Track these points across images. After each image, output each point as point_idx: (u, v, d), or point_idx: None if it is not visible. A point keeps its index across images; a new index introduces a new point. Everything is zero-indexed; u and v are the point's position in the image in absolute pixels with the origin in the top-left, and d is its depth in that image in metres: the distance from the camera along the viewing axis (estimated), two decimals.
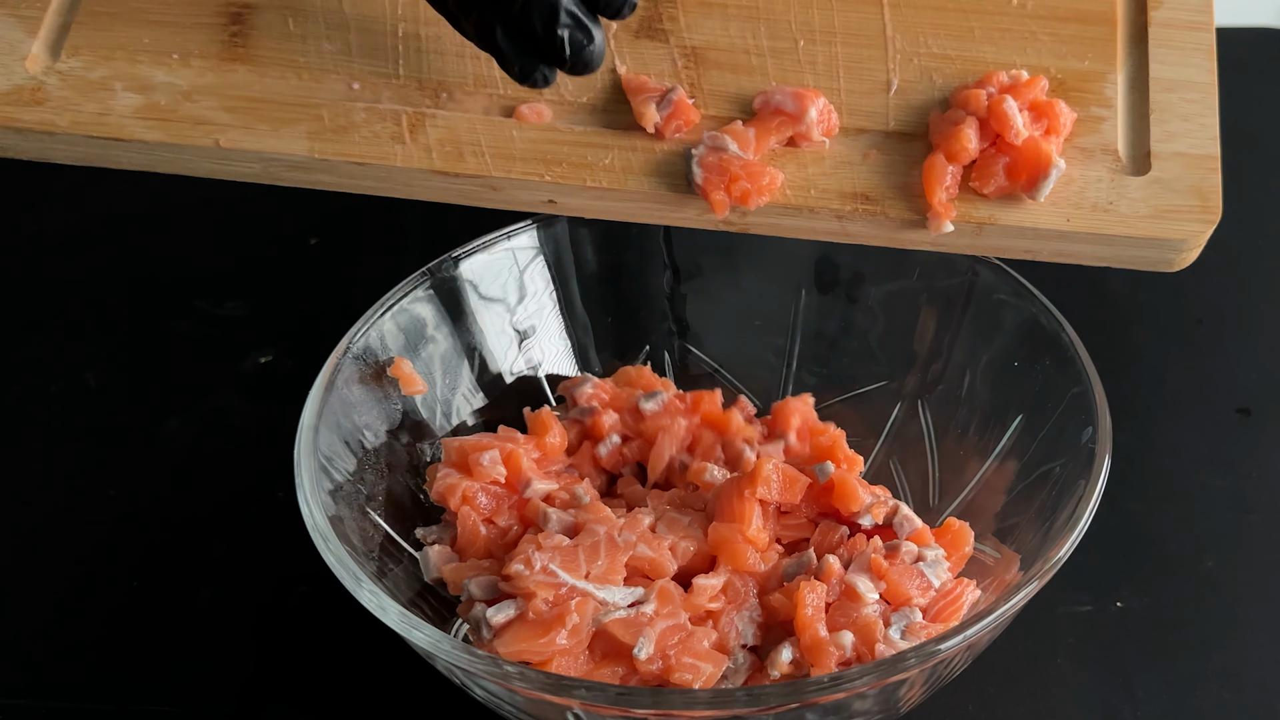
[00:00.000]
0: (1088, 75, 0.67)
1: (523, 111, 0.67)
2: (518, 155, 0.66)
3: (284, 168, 0.66)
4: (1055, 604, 0.72)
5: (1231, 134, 1.00)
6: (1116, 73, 0.67)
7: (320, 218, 0.96)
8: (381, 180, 0.67)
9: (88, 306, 0.92)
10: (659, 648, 0.62)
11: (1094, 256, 0.65)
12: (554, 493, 0.70)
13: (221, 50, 0.68)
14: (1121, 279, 0.89)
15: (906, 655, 0.57)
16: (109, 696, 0.70)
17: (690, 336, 0.81)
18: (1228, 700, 0.68)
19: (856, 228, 0.65)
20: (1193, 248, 0.64)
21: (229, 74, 0.67)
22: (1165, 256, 0.65)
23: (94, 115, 0.66)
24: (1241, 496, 0.77)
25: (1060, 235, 0.64)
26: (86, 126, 0.66)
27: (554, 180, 0.66)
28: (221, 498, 0.79)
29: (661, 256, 0.79)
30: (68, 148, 0.67)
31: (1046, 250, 0.65)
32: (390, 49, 0.68)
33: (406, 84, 0.68)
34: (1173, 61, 0.67)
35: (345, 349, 0.71)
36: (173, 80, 0.67)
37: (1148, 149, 0.65)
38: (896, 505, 0.68)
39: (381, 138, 0.66)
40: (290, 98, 0.67)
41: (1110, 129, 0.66)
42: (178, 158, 0.67)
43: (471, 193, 0.67)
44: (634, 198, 0.66)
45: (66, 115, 0.66)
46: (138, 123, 0.66)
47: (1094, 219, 0.64)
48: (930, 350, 0.76)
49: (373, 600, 0.60)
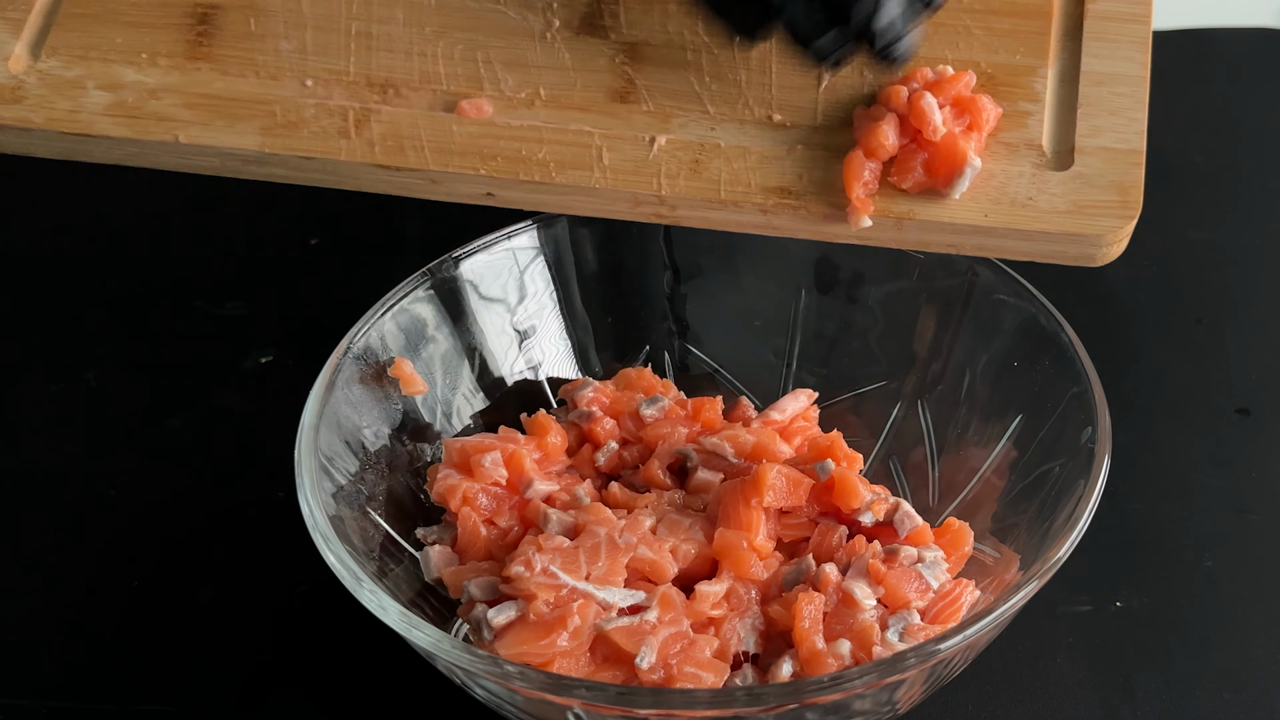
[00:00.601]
0: (1018, 70, 0.67)
1: (464, 107, 0.69)
2: (456, 150, 0.69)
3: (239, 161, 0.70)
4: (1055, 604, 0.72)
5: (1232, 134, 1.01)
6: (1048, 67, 0.67)
7: (320, 218, 0.96)
8: (329, 173, 0.70)
9: (88, 306, 0.92)
10: (661, 656, 0.62)
11: (1016, 251, 0.66)
12: (555, 494, 0.70)
13: (187, 50, 0.71)
14: (1121, 279, 0.89)
15: (906, 655, 0.57)
16: (109, 696, 0.70)
17: (690, 336, 0.81)
18: (1227, 700, 0.68)
19: (780, 221, 0.66)
20: (1112, 243, 0.64)
21: (193, 73, 0.71)
22: (1085, 251, 0.65)
23: (66, 112, 0.70)
24: (1241, 496, 0.77)
25: (978, 230, 0.65)
26: (59, 123, 0.70)
27: (489, 174, 0.68)
28: (222, 498, 0.79)
29: (661, 256, 0.79)
30: (43, 143, 0.70)
31: (969, 245, 0.66)
32: (343, 47, 0.71)
33: (356, 81, 0.71)
34: (1105, 55, 0.67)
35: (346, 349, 0.71)
36: (141, 79, 0.70)
37: (1072, 144, 0.65)
38: (897, 503, 0.68)
39: (329, 133, 0.69)
40: (247, 95, 0.70)
41: (1036, 124, 0.66)
42: (143, 152, 0.70)
43: (414, 185, 0.69)
44: (567, 191, 0.68)
45: (42, 112, 0.70)
46: (106, 119, 0.70)
47: (1012, 214, 0.64)
48: (930, 350, 0.76)
49: (373, 600, 0.61)
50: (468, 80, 0.71)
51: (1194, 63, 1.07)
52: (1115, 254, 0.65)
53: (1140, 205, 0.64)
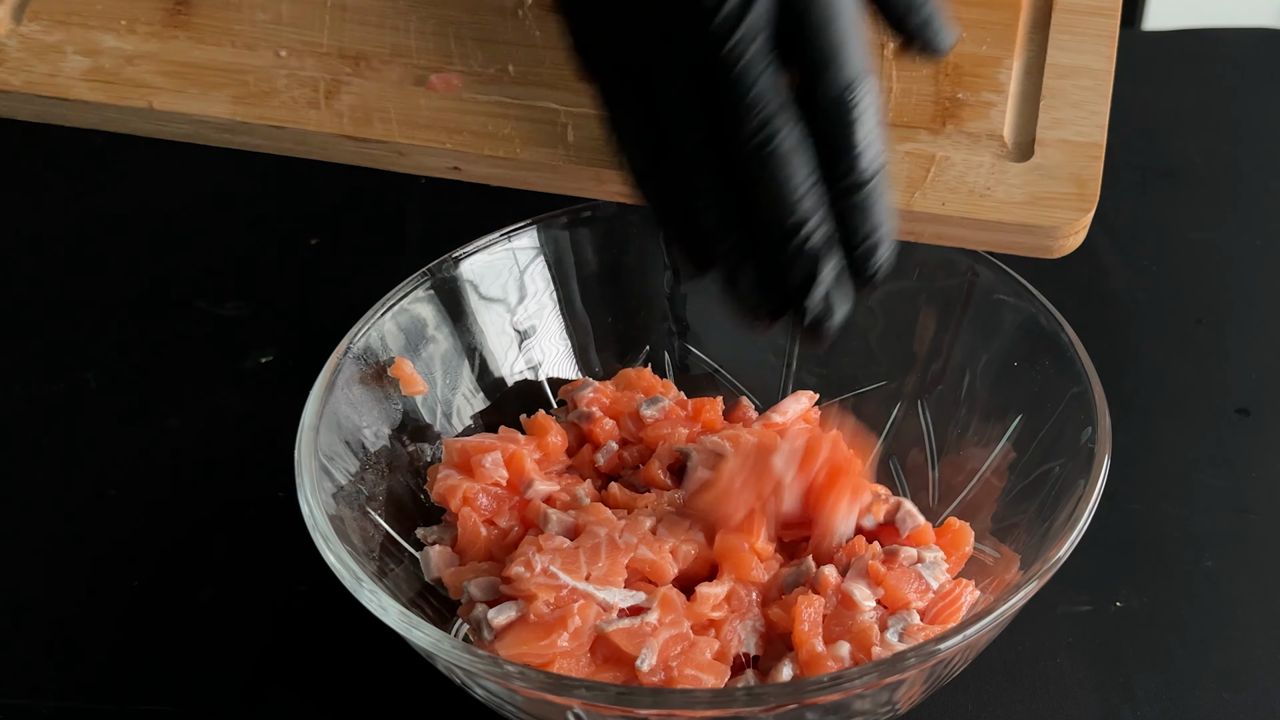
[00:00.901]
0: (984, 60, 0.68)
1: (433, 81, 0.70)
2: (423, 123, 0.69)
3: (211, 129, 0.70)
4: (1055, 604, 0.72)
5: (1232, 134, 1.01)
6: (1013, 58, 0.68)
7: (320, 218, 0.96)
8: (300, 143, 0.70)
9: (88, 306, 0.92)
10: (661, 658, 0.62)
11: (973, 240, 0.66)
12: (555, 494, 0.70)
13: (165, 18, 0.72)
14: (1121, 279, 0.89)
15: (906, 655, 0.57)
16: (110, 696, 0.70)
17: (690, 336, 0.81)
18: (1227, 700, 0.68)
19: None
20: (1067, 235, 0.65)
21: (170, 41, 0.72)
22: (1041, 243, 0.65)
23: (45, 76, 0.71)
24: (1241, 496, 0.77)
25: (935, 219, 0.65)
26: (38, 86, 0.71)
27: (455, 148, 0.68)
28: (222, 498, 0.79)
29: (661, 256, 0.79)
30: (22, 105, 0.72)
31: (928, 233, 0.66)
32: (318, 19, 0.72)
33: (329, 52, 0.71)
34: (1071, 48, 0.68)
35: (346, 349, 0.71)
36: (119, 45, 0.72)
37: (1033, 135, 0.66)
38: (899, 502, 0.68)
39: (299, 103, 0.70)
40: (221, 64, 0.71)
41: (999, 115, 0.66)
42: (118, 118, 0.71)
43: (381, 158, 0.70)
44: (531, 167, 0.68)
45: (21, 75, 0.71)
46: (83, 84, 0.71)
47: (969, 204, 0.65)
48: (930, 350, 0.76)
49: (373, 600, 0.61)
50: (439, 54, 0.72)
51: (1194, 63, 1.07)
52: (1072, 245, 0.65)
53: (1097, 198, 0.64)
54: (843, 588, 0.64)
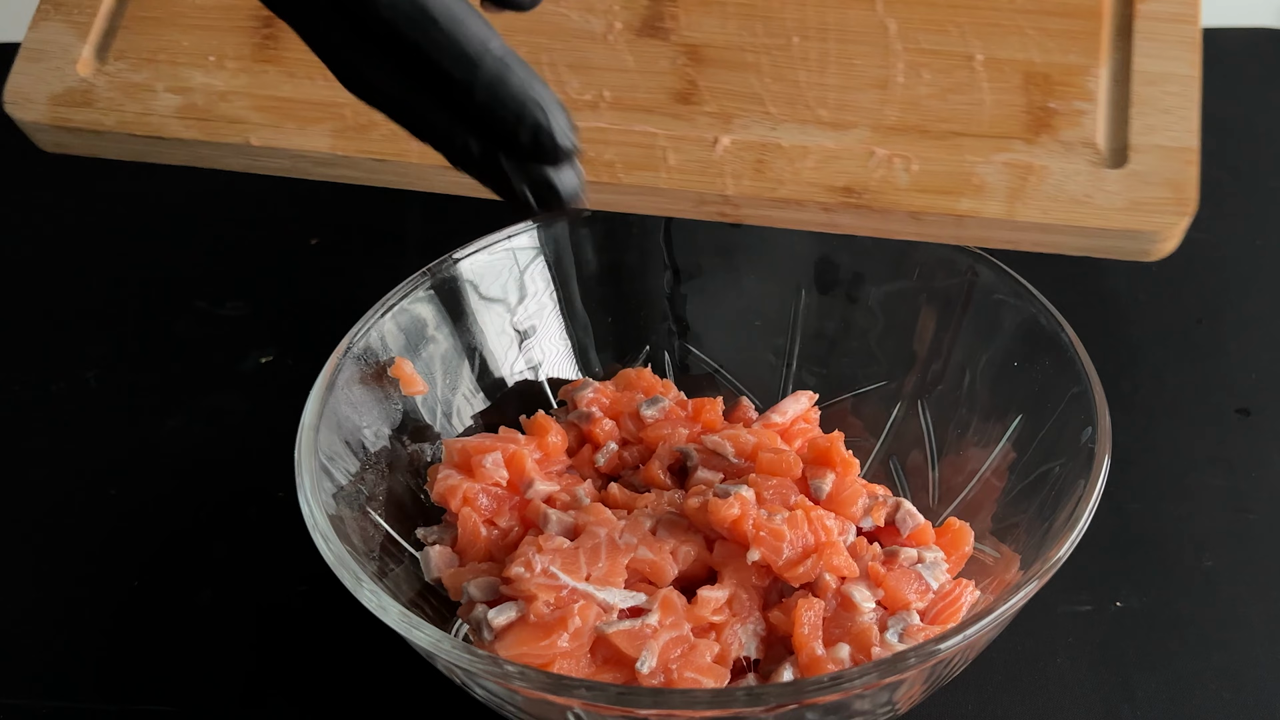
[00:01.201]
0: (1072, 69, 0.68)
1: None
2: None
3: (310, 163, 0.69)
4: (1055, 604, 0.72)
5: (1232, 134, 1.01)
6: (1100, 66, 0.68)
7: (320, 218, 0.96)
8: (400, 175, 0.69)
9: (88, 306, 0.92)
10: (661, 660, 0.62)
11: (1073, 247, 0.66)
12: (555, 494, 0.70)
13: (254, 52, 0.71)
14: (1121, 278, 0.89)
15: (906, 655, 0.57)
16: (110, 696, 0.70)
17: (690, 336, 0.81)
18: (1227, 700, 0.68)
19: (843, 219, 0.66)
20: (1167, 239, 0.65)
21: (260, 75, 0.70)
22: (1141, 247, 0.65)
23: (137, 115, 0.70)
24: (1241, 496, 0.77)
25: (1039, 227, 0.65)
26: (130, 125, 0.70)
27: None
28: (222, 498, 0.79)
29: (661, 256, 0.79)
30: (115, 145, 0.70)
31: (1027, 240, 0.66)
32: None
33: None
34: (1156, 55, 0.68)
35: (346, 349, 0.71)
36: (209, 81, 0.70)
37: (1127, 142, 0.66)
38: (898, 502, 0.68)
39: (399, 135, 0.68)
40: (316, 97, 0.69)
41: (1091, 122, 0.66)
42: (214, 154, 0.70)
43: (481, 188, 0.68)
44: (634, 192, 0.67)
45: (113, 115, 0.70)
46: (177, 122, 0.69)
47: (1071, 211, 0.65)
48: (930, 350, 0.76)
49: (373, 600, 0.61)
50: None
51: None
52: (1169, 249, 0.66)
53: (1196, 202, 0.64)
54: (843, 590, 0.64)
